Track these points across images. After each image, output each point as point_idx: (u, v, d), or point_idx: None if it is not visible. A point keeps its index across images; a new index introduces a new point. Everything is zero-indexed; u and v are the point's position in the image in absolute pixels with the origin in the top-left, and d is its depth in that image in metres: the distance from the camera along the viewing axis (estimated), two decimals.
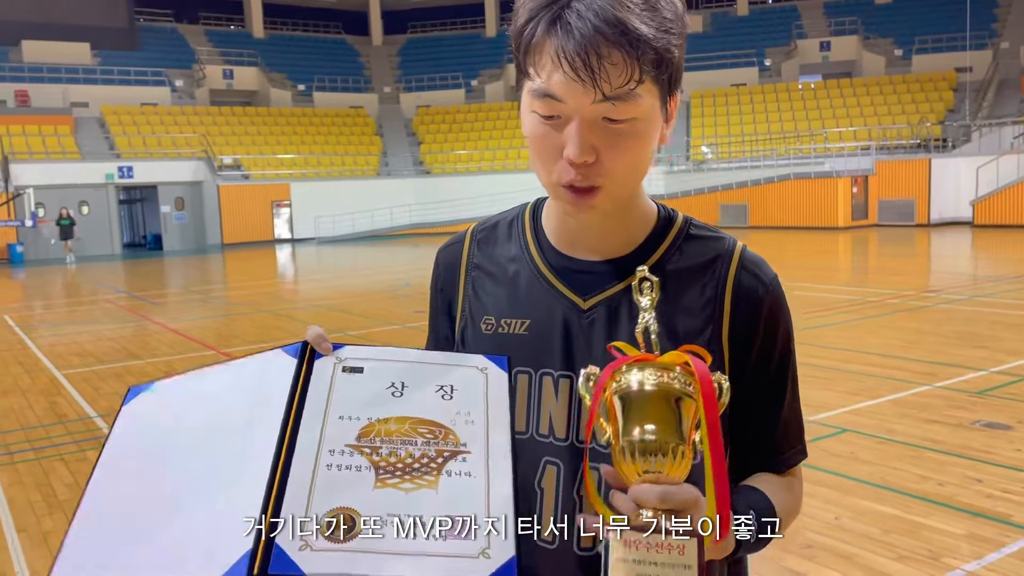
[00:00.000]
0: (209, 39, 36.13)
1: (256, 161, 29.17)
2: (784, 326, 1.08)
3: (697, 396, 0.84)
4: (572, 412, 1.03)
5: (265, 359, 0.99)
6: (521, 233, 1.14)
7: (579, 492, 1.02)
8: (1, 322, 11.87)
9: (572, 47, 0.89)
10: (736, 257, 1.06)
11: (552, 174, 0.97)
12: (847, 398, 5.88)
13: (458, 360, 1.01)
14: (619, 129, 0.93)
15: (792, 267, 14.78)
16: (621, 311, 1.03)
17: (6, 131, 26.04)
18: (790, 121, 29.40)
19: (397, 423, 0.92)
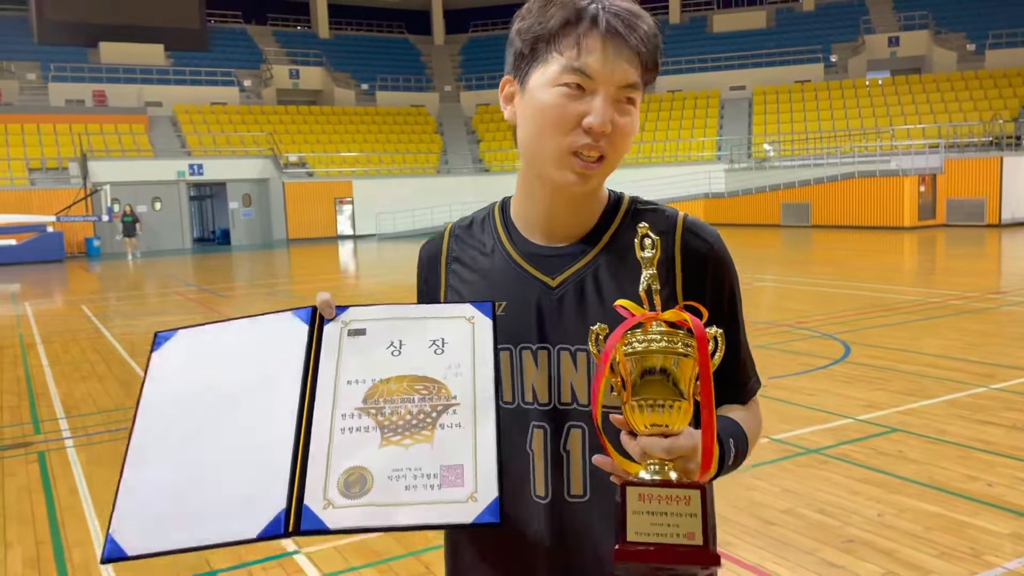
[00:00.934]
0: (276, 39, 37.03)
1: (320, 159, 29.82)
2: (729, 275, 1.21)
3: (695, 354, 0.95)
4: (552, 380, 1.15)
5: (280, 320, 1.10)
6: (493, 227, 1.27)
7: (565, 448, 1.15)
8: (79, 312, 12.48)
9: (621, 30, 1.08)
10: (680, 223, 1.19)
11: (564, 141, 1.09)
12: (900, 398, 5.85)
13: (449, 311, 1.12)
14: (628, 110, 1.11)
15: (853, 267, 14.55)
16: (586, 283, 1.16)
17: (84, 130, 27.18)
18: (856, 118, 28.79)
19: (397, 382, 1.05)
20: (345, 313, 1.10)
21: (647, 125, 31.59)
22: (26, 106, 28.61)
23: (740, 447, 1.13)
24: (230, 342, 1.10)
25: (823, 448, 4.86)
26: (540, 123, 1.11)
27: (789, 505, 4.05)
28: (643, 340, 0.96)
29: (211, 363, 1.09)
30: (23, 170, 25.64)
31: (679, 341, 0.95)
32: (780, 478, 4.42)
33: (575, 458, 1.14)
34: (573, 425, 1.14)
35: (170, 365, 1.09)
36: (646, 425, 0.96)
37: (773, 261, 16.71)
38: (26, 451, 5.51)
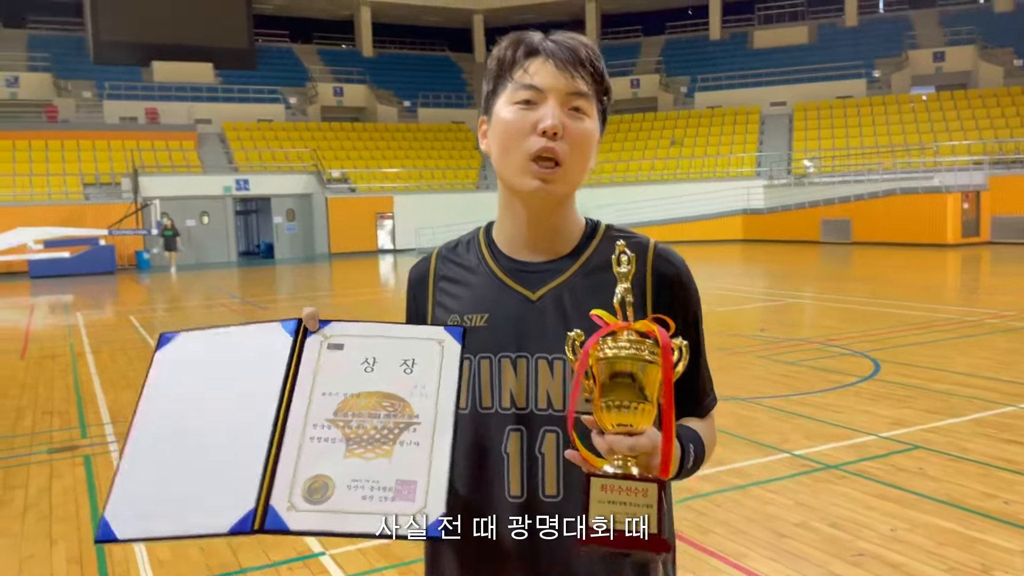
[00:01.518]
0: (321, 58, 37.81)
1: (362, 175, 30.33)
2: (693, 298, 1.34)
3: (659, 362, 1.06)
4: (529, 387, 1.25)
5: (269, 330, 1.20)
6: (477, 247, 1.38)
7: (540, 451, 1.24)
8: (127, 323, 12.91)
9: (559, 52, 1.24)
10: (651, 249, 1.32)
11: (523, 149, 1.22)
12: (925, 416, 5.85)
13: (421, 333, 1.19)
14: (580, 117, 1.24)
15: (891, 284, 14.41)
16: (565, 298, 1.27)
17: (136, 146, 28.03)
18: (899, 134, 28.45)
19: (366, 397, 1.12)
20: (327, 327, 1.19)
21: (686, 140, 31.58)
22: (82, 123, 29.61)
23: (698, 453, 1.24)
24: (224, 347, 1.19)
25: (842, 464, 4.91)
26: (503, 138, 1.24)
27: (803, 519, 4.11)
28: (614, 347, 1.06)
29: (204, 366, 1.18)
30: (78, 185, 26.52)
31: (646, 349, 1.06)
32: (796, 492, 4.49)
33: (549, 460, 1.23)
34: (548, 429, 1.23)
35: (169, 365, 1.19)
36: (613, 424, 1.06)
37: (810, 278, 16.61)
38: (72, 454, 5.79)
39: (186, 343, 1.22)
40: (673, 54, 37.81)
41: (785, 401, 6.42)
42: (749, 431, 5.65)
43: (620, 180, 30.02)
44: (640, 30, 40.15)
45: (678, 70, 36.51)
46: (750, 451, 5.23)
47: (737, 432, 5.61)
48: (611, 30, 40.22)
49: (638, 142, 32.31)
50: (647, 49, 38.80)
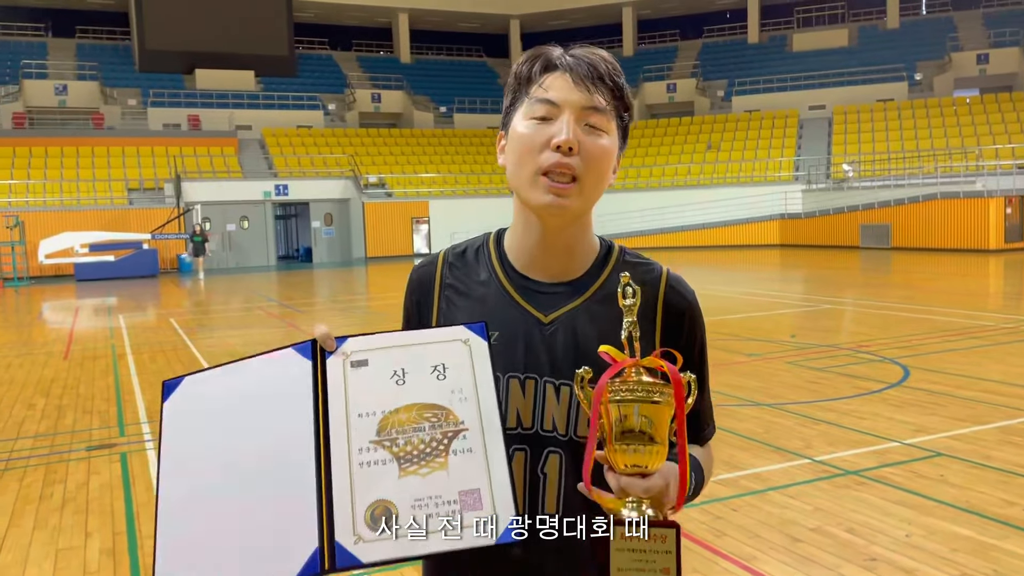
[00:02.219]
0: (360, 65, 38.31)
1: (399, 180, 30.66)
2: (700, 330, 1.33)
3: (671, 401, 1.05)
4: (536, 408, 1.24)
5: (283, 359, 1.12)
6: (488, 259, 1.34)
7: (542, 470, 1.23)
8: (167, 325, 13.23)
9: (576, 66, 1.22)
10: (664, 279, 1.31)
11: (535, 163, 1.20)
12: (950, 423, 5.80)
13: (444, 335, 1.14)
14: (597, 133, 1.21)
15: (928, 290, 14.21)
16: (577, 324, 1.25)
17: (179, 152, 28.69)
18: (941, 138, 27.98)
19: (406, 412, 1.08)
20: (345, 344, 1.12)
21: (723, 145, 31.38)
22: (127, 130, 30.38)
23: (699, 481, 1.25)
24: (237, 387, 1.12)
25: (863, 470, 4.90)
26: (518, 152, 1.23)
27: (819, 523, 4.13)
28: (626, 390, 1.06)
29: (222, 410, 1.11)
30: (122, 190, 27.19)
31: (657, 391, 1.06)
32: (814, 497, 4.50)
33: (551, 480, 1.23)
34: (552, 450, 1.23)
35: (182, 416, 1.12)
36: (626, 465, 1.05)
37: (846, 284, 16.42)
38: (110, 452, 6.00)
39: (194, 388, 1.14)
40: (710, 58, 37.60)
41: (810, 407, 6.40)
42: (773, 436, 5.66)
43: (656, 185, 29.94)
44: (677, 34, 40.00)
45: (715, 74, 36.30)
46: (771, 456, 5.24)
47: (760, 437, 5.63)
48: (648, 34, 40.12)
49: (674, 146, 32.18)
50: (684, 53, 38.64)
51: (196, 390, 1.13)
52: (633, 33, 39.04)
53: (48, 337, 12.60)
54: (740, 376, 7.61)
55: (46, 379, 8.80)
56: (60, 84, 31.74)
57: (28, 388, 8.33)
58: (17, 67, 31.74)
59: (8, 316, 15.88)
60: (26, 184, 26.11)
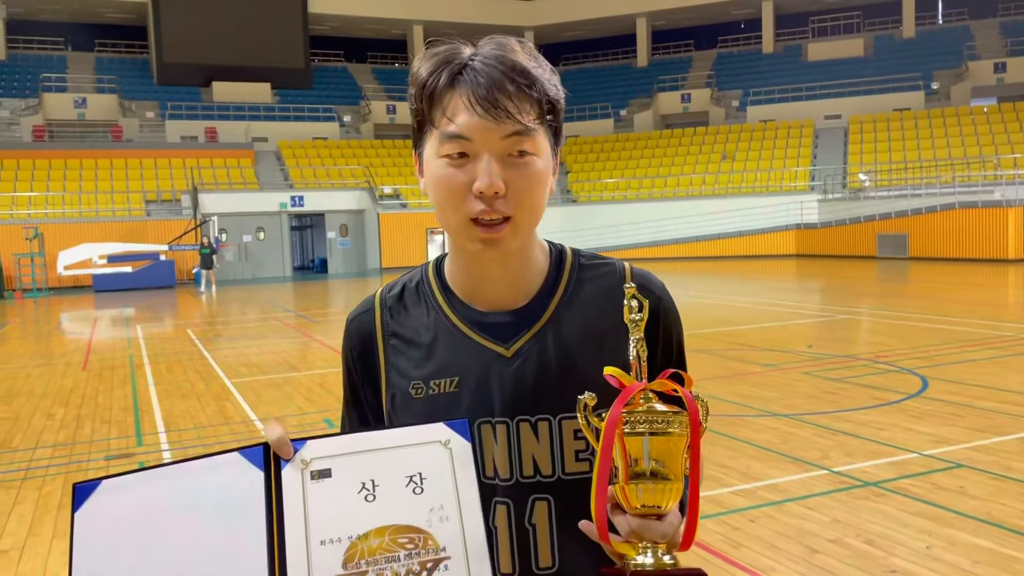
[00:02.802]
0: (375, 77, 38.55)
1: (414, 191, 30.76)
2: (677, 325, 1.19)
3: (687, 433, 0.95)
4: (513, 454, 1.10)
5: (227, 466, 0.92)
6: (430, 295, 1.18)
7: (530, 522, 1.10)
8: (184, 335, 13.32)
9: (482, 91, 1.01)
10: (628, 276, 1.17)
11: (460, 211, 1.04)
12: (970, 434, 5.75)
13: (420, 436, 0.97)
14: (524, 162, 1.04)
15: (946, 300, 14.10)
16: (546, 351, 1.11)
17: (196, 164, 28.94)
18: (958, 147, 27.82)
19: (377, 536, 0.91)
20: (304, 449, 0.94)
21: (738, 155, 31.32)
22: (145, 142, 30.68)
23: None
24: (168, 499, 0.90)
25: (881, 481, 4.86)
26: (438, 196, 1.07)
27: (837, 535, 4.10)
28: (639, 421, 0.94)
29: (148, 530, 0.89)
30: (140, 202, 27.44)
31: (674, 420, 0.94)
32: (833, 508, 4.46)
33: (542, 531, 1.10)
34: (538, 498, 1.10)
35: (97, 532, 0.88)
36: (639, 504, 0.94)
37: (863, 294, 16.32)
38: (128, 461, 6.04)
39: (113, 495, 0.90)
40: (725, 68, 37.59)
41: (828, 418, 6.36)
42: (790, 447, 5.62)
43: (671, 195, 29.90)
44: (691, 44, 40.02)
45: (730, 84, 36.27)
46: (789, 467, 5.21)
47: (777, 448, 5.59)
48: (662, 45, 40.15)
49: (689, 157, 32.15)
50: (698, 63, 38.64)
51: (115, 499, 0.89)
52: (647, 44, 39.08)
53: (67, 348, 12.71)
54: (756, 386, 7.57)
55: (65, 389, 8.87)
56: (79, 97, 32.11)
57: (48, 398, 8.41)
58: (37, 81, 32.16)
59: (28, 327, 16.03)
60: (45, 196, 26.40)
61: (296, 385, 8.62)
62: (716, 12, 38.23)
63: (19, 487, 5.43)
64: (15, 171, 27.17)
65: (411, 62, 0.99)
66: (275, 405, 7.65)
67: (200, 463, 0.92)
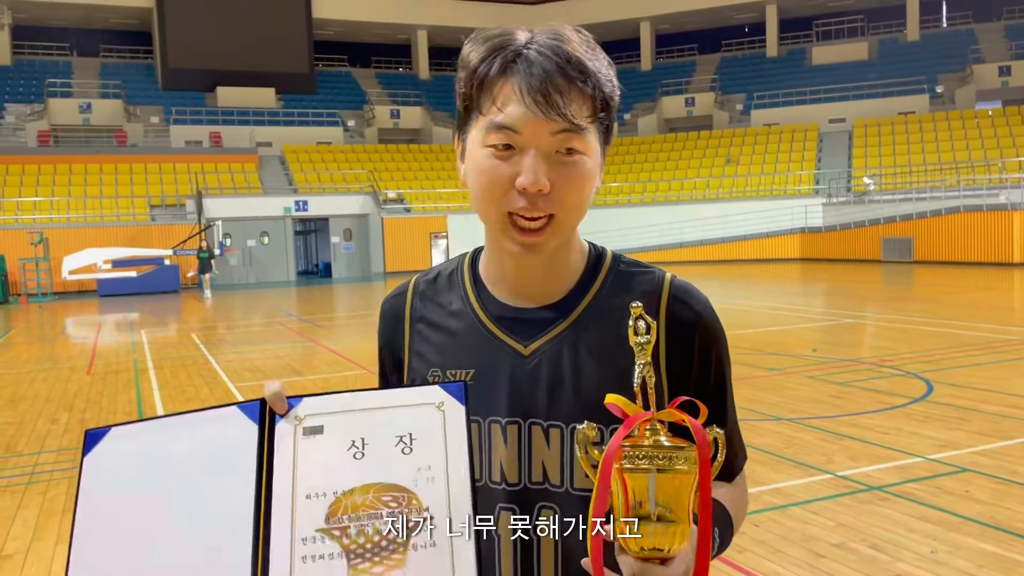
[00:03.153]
0: (379, 81, 38.64)
1: (417, 195, 30.82)
2: (718, 348, 1.11)
3: (694, 468, 0.87)
4: (522, 457, 1.06)
5: (225, 419, 0.96)
6: (461, 284, 1.16)
7: (535, 532, 1.05)
8: (189, 340, 13.34)
9: (535, 81, 0.96)
10: (666, 288, 1.10)
11: (502, 205, 1.01)
12: (975, 438, 5.73)
13: (415, 397, 0.97)
14: (571, 161, 1.00)
15: (952, 304, 14.07)
16: (563, 355, 1.07)
17: (201, 169, 29.00)
18: (963, 150, 27.78)
19: (361, 493, 0.91)
20: (299, 406, 0.96)
21: (742, 158, 31.31)
22: (149, 147, 30.78)
23: (724, 535, 1.05)
24: (171, 445, 0.95)
25: (886, 486, 4.85)
26: (479, 187, 1.03)
27: (842, 539, 4.08)
28: (642, 456, 0.87)
29: (149, 472, 0.94)
30: (145, 207, 27.51)
31: (680, 457, 0.87)
32: (837, 513, 4.45)
33: (547, 543, 1.05)
34: (544, 506, 1.05)
35: (104, 475, 0.94)
36: (642, 548, 0.87)
37: (868, 298, 16.29)
38: None
39: (120, 442, 0.95)
40: (729, 72, 37.60)
41: (832, 422, 6.34)
42: (794, 452, 5.61)
43: (675, 199, 29.89)
44: (695, 48, 40.05)
45: (734, 88, 36.27)
46: (793, 471, 5.19)
47: (781, 452, 5.58)
48: (666, 49, 40.19)
49: (693, 160, 32.15)
50: (702, 67, 38.66)
51: (122, 446, 0.95)
52: (651, 48, 39.11)
53: (72, 352, 12.73)
54: (760, 391, 7.55)
55: (69, 393, 8.88)
56: (84, 102, 32.21)
57: (52, 403, 8.42)
58: (43, 86, 32.28)
59: (32, 331, 16.07)
60: (50, 201, 26.48)
61: (299, 389, 8.57)
62: (720, 16, 38.26)
63: (23, 491, 5.44)
64: (20, 176, 27.26)
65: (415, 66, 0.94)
66: None
67: (201, 415, 0.96)
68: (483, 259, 1.17)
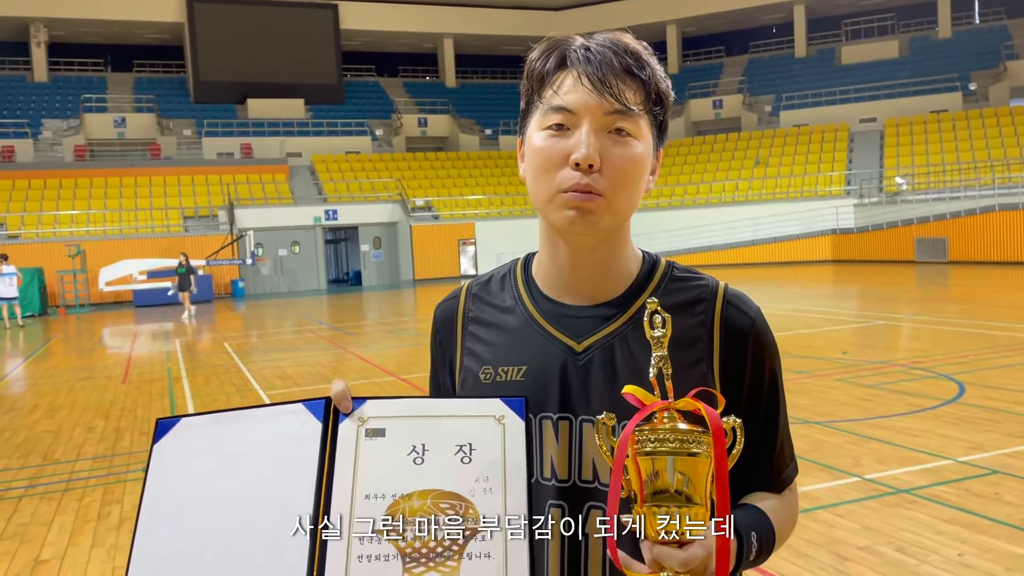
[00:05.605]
0: (406, 90, 38.92)
1: (445, 202, 30.96)
2: (770, 355, 1.14)
3: (710, 451, 0.89)
4: (573, 454, 1.07)
5: (291, 415, 0.99)
6: (514, 284, 1.19)
7: (584, 531, 1.06)
8: (222, 348, 13.53)
9: (592, 68, 1.03)
10: (721, 294, 1.12)
11: (554, 182, 1.04)
12: (1007, 440, 5.65)
13: (476, 409, 0.99)
14: (623, 141, 1.03)
15: (986, 305, 13.84)
16: (616, 351, 1.08)
17: (232, 180, 29.43)
18: (998, 148, 27.29)
19: (420, 498, 0.93)
20: (362, 407, 0.99)
21: (771, 160, 31.06)
22: (183, 159, 31.29)
23: (764, 541, 1.04)
24: (237, 437, 0.98)
25: (914, 488, 4.80)
26: (534, 168, 1.07)
27: (868, 543, 4.05)
28: (653, 439, 0.90)
29: (214, 462, 0.97)
30: (179, 218, 27.96)
31: (694, 439, 0.89)
32: (864, 516, 4.41)
33: (595, 541, 1.06)
34: (593, 505, 1.06)
35: (171, 463, 0.97)
36: (659, 532, 0.89)
37: (900, 299, 16.08)
38: None
39: (189, 432, 0.99)
40: (757, 73, 37.33)
41: (861, 425, 6.29)
42: (821, 455, 5.57)
43: (704, 202, 29.73)
44: (722, 50, 39.82)
45: (762, 89, 36.01)
46: (820, 475, 5.16)
47: (809, 456, 5.54)
48: (693, 51, 40.01)
49: (722, 163, 31.95)
50: (730, 69, 38.43)
51: (191, 435, 0.98)
52: (678, 50, 38.97)
53: (108, 362, 12.98)
54: (790, 394, 7.43)
55: (105, 402, 9.07)
56: (119, 117, 32.85)
57: (88, 411, 8.60)
58: (78, 102, 32.97)
59: (70, 342, 16.41)
60: (87, 214, 27.02)
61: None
62: (747, 17, 38.02)
63: (60, 498, 5.57)
64: (58, 190, 27.85)
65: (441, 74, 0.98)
66: None
67: (267, 410, 0.99)
68: (537, 259, 1.20)
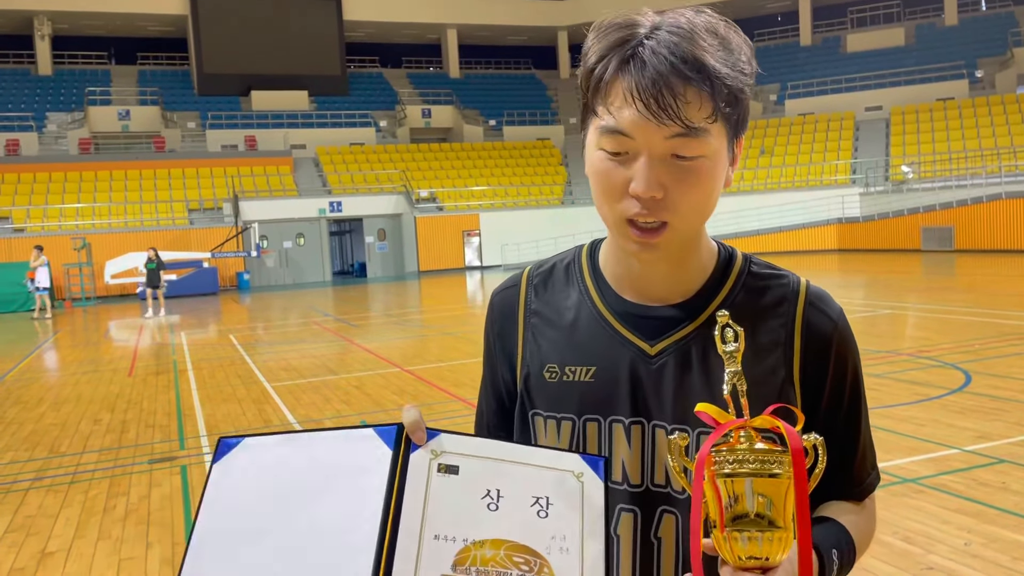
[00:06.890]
0: (410, 81, 38.84)
1: (450, 194, 30.93)
2: (853, 359, 1.08)
3: (789, 472, 0.84)
4: (646, 459, 1.03)
5: (359, 440, 0.93)
6: (580, 278, 1.13)
7: (656, 535, 1.03)
8: (227, 341, 13.56)
9: (646, 84, 0.90)
10: (802, 294, 1.06)
11: (616, 209, 0.97)
12: (1014, 429, 5.62)
13: (555, 461, 0.94)
14: (687, 166, 0.94)
15: (993, 293, 13.78)
16: (691, 355, 1.03)
17: (236, 172, 29.43)
18: (1005, 136, 27.13)
19: (492, 548, 0.88)
20: (436, 440, 0.93)
21: (776, 150, 30.93)
22: (187, 152, 31.29)
23: (845, 558, 1.00)
24: (301, 460, 0.93)
25: (920, 478, 4.78)
26: (596, 190, 1.00)
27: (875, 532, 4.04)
28: (732, 460, 0.85)
29: (277, 489, 0.91)
30: (183, 211, 27.99)
31: (773, 460, 0.85)
32: None
33: (667, 546, 1.03)
34: (666, 510, 1.03)
35: (230, 484, 0.93)
36: (741, 556, 0.85)
37: (907, 288, 16.02)
38: (171, 464, 6.17)
39: (251, 452, 0.94)
40: (761, 61, 35.93)
41: None
42: None
43: None
44: None
45: (767, 78, 35.84)
46: None
47: None
48: None
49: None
50: None
51: (252, 455, 0.94)
52: None
53: (114, 355, 13.01)
54: None
55: (111, 395, 9.09)
56: (123, 110, 32.86)
57: (94, 404, 8.63)
58: (82, 95, 32.99)
59: (77, 335, 16.45)
60: (92, 207, 27.06)
61: (334, 388, 8.73)
62: (751, 5, 37.82)
63: (66, 491, 5.59)
64: (63, 183, 27.89)
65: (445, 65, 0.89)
66: (313, 408, 7.76)
67: (335, 433, 0.94)
68: (604, 253, 1.13)
